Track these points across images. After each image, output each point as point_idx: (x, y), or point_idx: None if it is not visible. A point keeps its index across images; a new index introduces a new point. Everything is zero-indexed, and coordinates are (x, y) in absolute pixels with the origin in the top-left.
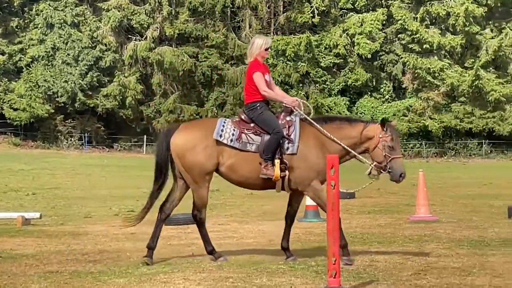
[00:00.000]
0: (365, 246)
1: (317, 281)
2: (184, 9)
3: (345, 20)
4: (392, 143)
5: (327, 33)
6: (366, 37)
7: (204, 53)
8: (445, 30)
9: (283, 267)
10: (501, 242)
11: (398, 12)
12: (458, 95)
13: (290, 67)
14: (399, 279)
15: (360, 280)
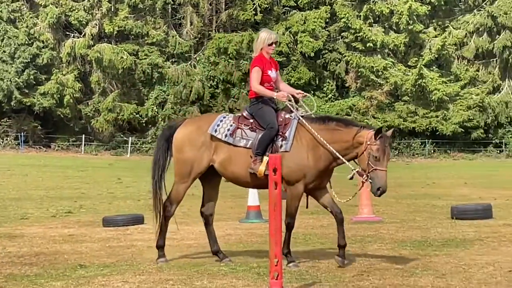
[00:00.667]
0: (308, 247)
1: (259, 283)
2: (124, 6)
3: (288, 17)
4: (378, 153)
5: None
6: (309, 35)
7: (144, 50)
8: (388, 28)
9: (224, 269)
10: (444, 242)
11: (342, 10)
12: (401, 94)
13: (232, 65)
14: (342, 281)
15: (302, 282)
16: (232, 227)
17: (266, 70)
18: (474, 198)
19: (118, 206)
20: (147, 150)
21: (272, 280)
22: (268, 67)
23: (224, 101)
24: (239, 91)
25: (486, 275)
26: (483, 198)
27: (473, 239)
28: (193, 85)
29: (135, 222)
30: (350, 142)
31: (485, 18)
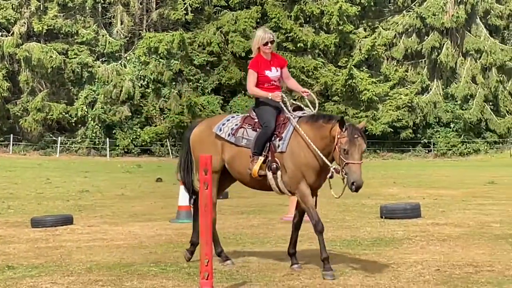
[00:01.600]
0: (238, 247)
1: (189, 283)
2: (53, 4)
3: (219, 17)
4: (347, 146)
5: (200, 31)
6: (240, 35)
7: (74, 49)
8: (319, 29)
9: (154, 269)
10: (373, 241)
11: (272, 10)
12: (331, 94)
13: (163, 65)
14: (272, 280)
15: (233, 282)
16: (163, 227)
17: (263, 70)
18: (403, 198)
19: (47, 206)
20: (76, 150)
21: (202, 280)
22: (266, 67)
23: (155, 101)
24: (170, 91)
25: (415, 274)
26: (411, 197)
27: (402, 238)
28: (124, 84)
29: (64, 223)
30: (328, 137)
31: (414, 19)
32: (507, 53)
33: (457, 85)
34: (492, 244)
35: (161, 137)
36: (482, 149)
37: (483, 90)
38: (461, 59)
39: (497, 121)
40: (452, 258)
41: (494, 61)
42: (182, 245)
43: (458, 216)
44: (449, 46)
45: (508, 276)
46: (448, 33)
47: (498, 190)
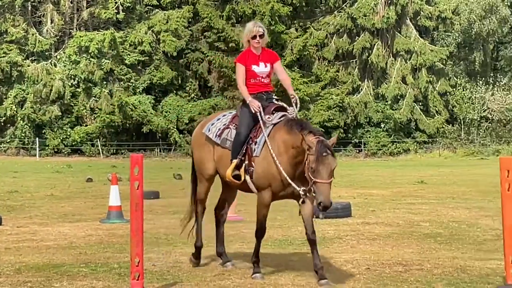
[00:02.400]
0: (170, 247)
1: (119, 283)
2: None
3: (151, 16)
4: (314, 164)
5: (132, 30)
6: (172, 34)
7: (3, 48)
8: None
9: (84, 270)
10: (304, 241)
11: (204, 10)
12: None
13: (94, 64)
14: (203, 280)
15: (164, 282)
16: (93, 228)
17: (250, 65)
18: (334, 197)
19: None
20: (5, 150)
21: (133, 281)
22: (253, 62)
23: (86, 100)
24: (101, 90)
25: (345, 273)
26: (342, 197)
27: (333, 237)
28: (54, 84)
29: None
30: (301, 147)
31: (345, 20)
32: (436, 54)
33: (388, 86)
34: (421, 243)
35: (92, 137)
36: (411, 149)
37: (413, 90)
38: (391, 59)
39: (427, 121)
40: (382, 257)
41: (424, 61)
42: (112, 245)
43: (388, 215)
44: (380, 47)
45: (436, 275)
46: (378, 33)
47: (427, 190)
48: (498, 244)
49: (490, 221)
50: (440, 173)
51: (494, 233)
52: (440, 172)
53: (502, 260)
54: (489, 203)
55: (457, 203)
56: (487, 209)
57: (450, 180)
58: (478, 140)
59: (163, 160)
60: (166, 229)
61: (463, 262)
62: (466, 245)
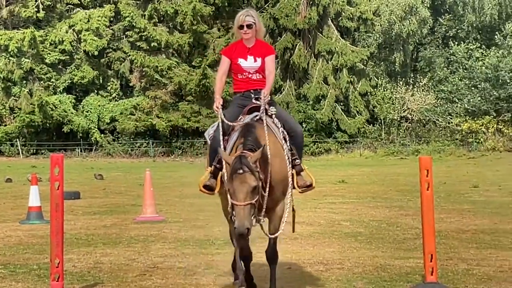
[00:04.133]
0: (90, 248)
1: (39, 285)
2: None
3: (72, 15)
4: (229, 184)
5: (52, 29)
6: (93, 33)
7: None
8: (173, 28)
9: (3, 271)
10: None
11: (126, 9)
12: (185, 94)
13: (13, 63)
14: (125, 281)
15: (84, 283)
16: (12, 229)
17: (236, 58)
18: None
19: None
20: None
21: (53, 282)
22: (240, 55)
23: (5, 100)
24: (20, 90)
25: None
26: None
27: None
28: None
29: None
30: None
31: (268, 20)
32: (357, 55)
33: (309, 86)
34: (342, 242)
35: (11, 137)
36: (333, 149)
37: (334, 90)
38: (313, 60)
39: (348, 121)
40: (303, 256)
41: (345, 62)
42: (32, 247)
43: (309, 214)
44: (302, 47)
45: (357, 273)
46: (300, 34)
47: (348, 189)
48: (417, 243)
49: (410, 220)
50: (361, 173)
51: (413, 232)
52: (361, 171)
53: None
54: (409, 202)
55: (377, 202)
56: (407, 208)
57: (370, 179)
58: (398, 140)
59: (84, 160)
60: (87, 230)
61: (383, 261)
62: (386, 244)
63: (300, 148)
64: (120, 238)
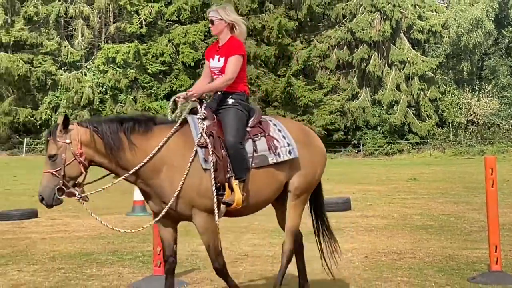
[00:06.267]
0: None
1: (143, 270)
2: (19, 18)
3: (171, 30)
4: None
5: (154, 43)
6: (189, 46)
7: (39, 59)
8: (260, 41)
9: (112, 258)
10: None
11: None
12: (272, 100)
13: (120, 73)
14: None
15: (183, 269)
16: (120, 220)
17: (208, 58)
18: (335, 192)
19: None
20: (41, 150)
21: (155, 268)
22: (211, 54)
23: (112, 106)
24: (126, 97)
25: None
26: (343, 192)
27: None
28: (84, 91)
29: (29, 216)
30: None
31: (345, 33)
32: (427, 64)
33: (383, 92)
34: (414, 234)
35: None
36: (405, 149)
37: (406, 97)
38: (387, 69)
39: (419, 124)
40: (379, 246)
41: (416, 71)
42: (137, 236)
43: (384, 209)
44: (376, 58)
45: (427, 262)
46: (375, 46)
47: (419, 186)
48: (483, 235)
49: (476, 214)
50: (431, 171)
51: (479, 225)
52: (431, 170)
53: (487, 249)
54: (475, 198)
55: (446, 198)
56: (473, 203)
57: (439, 177)
58: (465, 141)
59: None
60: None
61: (452, 251)
62: (454, 235)
63: (233, 161)
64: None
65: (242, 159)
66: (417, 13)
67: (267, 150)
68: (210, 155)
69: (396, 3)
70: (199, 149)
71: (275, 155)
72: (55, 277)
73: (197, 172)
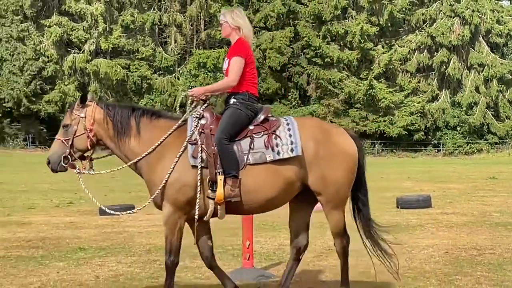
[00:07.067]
0: (275, 232)
1: (233, 263)
2: (117, 26)
3: (258, 36)
4: None
5: None
6: (276, 51)
7: (135, 64)
8: (343, 46)
9: None
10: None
11: (304, 30)
12: (354, 102)
13: (210, 77)
14: (304, 261)
15: (270, 262)
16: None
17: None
18: (416, 190)
19: (113, 197)
20: None
21: (244, 261)
22: (227, 56)
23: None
24: (216, 99)
25: (426, 256)
26: (423, 190)
27: (415, 225)
28: (177, 94)
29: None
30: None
31: (426, 38)
32: (506, 67)
33: (463, 94)
34: (493, 231)
35: None
36: (484, 149)
37: (485, 98)
38: (466, 72)
39: (498, 125)
40: (459, 242)
41: (494, 73)
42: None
43: (464, 206)
44: (456, 61)
45: (507, 258)
46: (455, 49)
47: (498, 184)
48: None
49: None
50: (509, 170)
51: None
52: (509, 169)
53: None
54: None
55: None
56: None
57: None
58: None
59: None
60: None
61: None
62: None
63: (220, 157)
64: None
65: (228, 155)
66: (496, 17)
67: (264, 148)
68: (199, 152)
69: (475, 8)
70: (189, 145)
71: (273, 152)
72: (151, 268)
73: (183, 168)
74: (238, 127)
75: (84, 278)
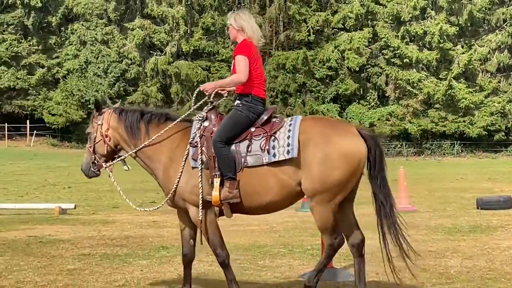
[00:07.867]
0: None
1: (312, 262)
2: (198, 29)
3: (337, 37)
4: None
5: (321, 49)
6: (354, 52)
7: (215, 66)
8: (422, 46)
9: (283, 250)
10: (471, 228)
11: (382, 31)
12: (433, 102)
13: (289, 78)
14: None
15: (349, 262)
16: (290, 215)
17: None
18: (496, 191)
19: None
20: None
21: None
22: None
23: (283, 109)
24: (295, 100)
25: (507, 257)
26: (504, 191)
27: (496, 226)
28: None
29: None
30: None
31: (506, 37)
32: None
33: None
34: None
35: None
36: None
37: None
38: None
39: None
40: None
41: None
42: (306, 230)
43: None
44: None
45: None
46: None
47: None
48: None
49: None
50: None
51: None
52: None
53: None
54: None
55: None
56: None
57: None
58: None
59: None
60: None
61: None
62: None
63: (217, 159)
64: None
65: (223, 157)
66: None
67: (260, 150)
68: (198, 154)
69: None
70: (191, 148)
71: (269, 154)
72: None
73: (190, 170)
74: (238, 129)
75: (167, 276)
